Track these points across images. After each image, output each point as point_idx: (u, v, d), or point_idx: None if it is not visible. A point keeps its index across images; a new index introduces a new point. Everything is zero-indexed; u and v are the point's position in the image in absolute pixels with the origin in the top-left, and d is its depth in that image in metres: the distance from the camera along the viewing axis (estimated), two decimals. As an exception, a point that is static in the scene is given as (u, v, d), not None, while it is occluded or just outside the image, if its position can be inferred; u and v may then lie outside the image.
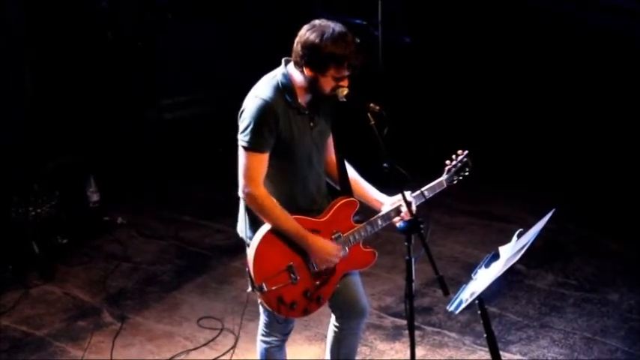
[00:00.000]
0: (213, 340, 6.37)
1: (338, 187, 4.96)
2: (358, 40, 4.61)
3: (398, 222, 4.87)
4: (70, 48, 8.49)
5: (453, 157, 5.03)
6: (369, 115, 4.57)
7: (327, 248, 4.78)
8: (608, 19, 9.04)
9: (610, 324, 6.43)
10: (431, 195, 4.92)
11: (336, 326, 5.15)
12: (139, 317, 6.67)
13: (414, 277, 4.57)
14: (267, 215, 4.72)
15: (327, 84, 4.61)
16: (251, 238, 4.79)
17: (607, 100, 8.92)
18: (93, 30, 8.66)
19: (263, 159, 4.66)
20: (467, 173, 5.05)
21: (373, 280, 6.90)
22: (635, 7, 8.88)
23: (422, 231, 4.55)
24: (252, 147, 4.63)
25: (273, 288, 4.74)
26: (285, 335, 5.14)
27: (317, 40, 4.55)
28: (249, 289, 4.77)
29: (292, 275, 4.77)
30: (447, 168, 5.01)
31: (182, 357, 6.23)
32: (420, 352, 6.12)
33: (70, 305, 6.84)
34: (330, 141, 4.93)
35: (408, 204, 4.67)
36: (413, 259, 4.57)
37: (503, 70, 9.42)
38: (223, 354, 6.19)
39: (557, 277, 6.99)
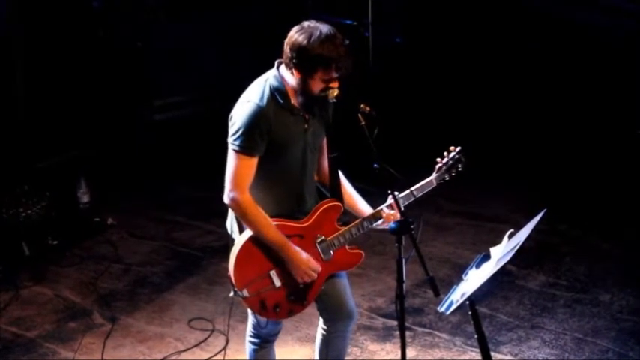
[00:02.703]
0: (204, 341, 6.36)
1: (327, 193, 4.95)
2: (347, 42, 4.60)
3: (386, 223, 4.86)
4: (62, 47, 8.48)
5: (445, 154, 5.01)
6: (359, 115, 4.57)
7: (307, 263, 4.76)
8: (601, 19, 9.06)
9: (601, 324, 6.44)
10: (420, 194, 4.90)
11: (324, 329, 5.14)
12: (130, 318, 6.66)
13: (404, 277, 4.56)
14: (250, 222, 4.70)
15: (315, 85, 4.60)
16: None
17: (599, 100, 8.94)
18: (84, 29, 8.64)
19: (252, 163, 4.65)
20: (460, 169, 5.01)
21: (364, 281, 6.90)
22: (629, 7, 8.91)
23: (412, 232, 4.55)
24: (242, 150, 4.61)
25: (255, 293, 4.74)
26: (273, 336, 5.13)
27: (304, 42, 4.53)
28: (232, 293, 4.77)
29: (274, 280, 4.76)
30: (437, 166, 4.98)
31: (173, 358, 6.22)
32: (410, 352, 6.12)
33: (60, 306, 6.82)
34: (324, 144, 4.93)
35: (398, 207, 4.66)
36: (404, 260, 4.56)
37: (496, 70, 9.44)
38: (214, 355, 6.19)
39: (548, 277, 7.00)
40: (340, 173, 4.93)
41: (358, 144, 4.53)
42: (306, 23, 4.62)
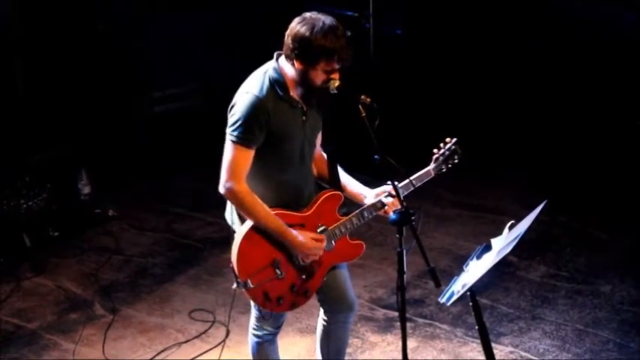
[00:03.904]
0: (204, 332, 6.36)
1: (324, 184, 4.95)
2: (349, 33, 4.60)
3: (387, 213, 4.87)
4: (61, 40, 8.47)
5: (441, 145, 5.02)
6: (360, 107, 4.56)
7: (308, 243, 4.75)
8: (600, 11, 9.06)
9: (602, 315, 6.44)
10: (419, 184, 4.91)
11: (324, 320, 5.15)
12: (131, 310, 6.67)
13: (405, 268, 4.56)
14: (247, 212, 4.70)
15: (317, 77, 4.59)
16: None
17: (597, 93, 8.94)
18: (84, 21, 8.63)
19: (249, 155, 4.64)
20: (456, 161, 5.02)
21: (365, 272, 6.90)
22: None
23: (413, 223, 4.54)
24: (240, 141, 4.61)
25: (259, 284, 4.74)
26: (276, 329, 5.12)
27: (307, 34, 4.53)
28: (235, 285, 4.77)
29: (277, 271, 4.76)
30: (434, 157, 4.99)
31: (173, 349, 6.22)
32: (411, 343, 6.13)
33: (61, 298, 6.83)
34: (319, 135, 4.93)
35: (397, 195, 4.66)
36: (404, 251, 4.56)
37: (496, 61, 9.43)
38: (215, 346, 6.19)
39: (549, 268, 7.00)
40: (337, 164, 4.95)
41: (359, 135, 4.53)
42: (307, 14, 4.62)
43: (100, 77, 8.74)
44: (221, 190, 4.71)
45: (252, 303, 5.00)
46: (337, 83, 4.61)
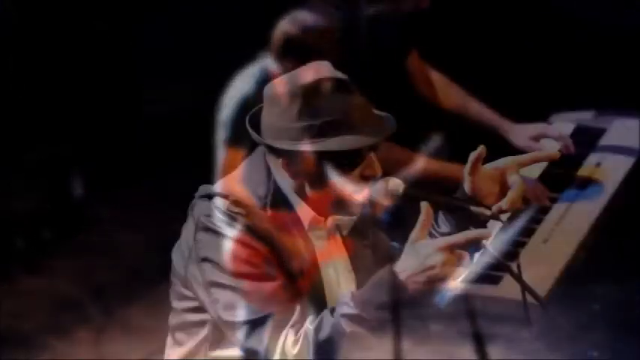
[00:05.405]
0: (198, 334, 6.37)
1: None
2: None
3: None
4: (56, 38, 8.47)
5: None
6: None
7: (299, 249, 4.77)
8: (597, 11, 9.08)
9: (594, 318, 6.45)
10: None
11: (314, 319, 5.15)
12: (125, 312, 6.67)
13: (399, 269, 4.57)
14: None
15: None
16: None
17: (592, 91, 8.96)
18: (81, 20, 8.64)
19: (241, 156, 4.66)
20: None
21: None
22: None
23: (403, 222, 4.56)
24: (231, 142, 4.63)
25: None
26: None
27: (299, 33, 4.55)
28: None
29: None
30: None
31: (168, 351, 6.22)
32: (404, 344, 6.12)
33: (54, 299, 6.83)
34: None
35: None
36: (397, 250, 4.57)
37: (489, 57, 9.43)
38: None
39: (541, 270, 7.01)
40: None
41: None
42: (293, 13, 4.64)
43: (96, 76, 8.74)
44: (216, 190, 4.74)
45: (242, 303, 5.01)
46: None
